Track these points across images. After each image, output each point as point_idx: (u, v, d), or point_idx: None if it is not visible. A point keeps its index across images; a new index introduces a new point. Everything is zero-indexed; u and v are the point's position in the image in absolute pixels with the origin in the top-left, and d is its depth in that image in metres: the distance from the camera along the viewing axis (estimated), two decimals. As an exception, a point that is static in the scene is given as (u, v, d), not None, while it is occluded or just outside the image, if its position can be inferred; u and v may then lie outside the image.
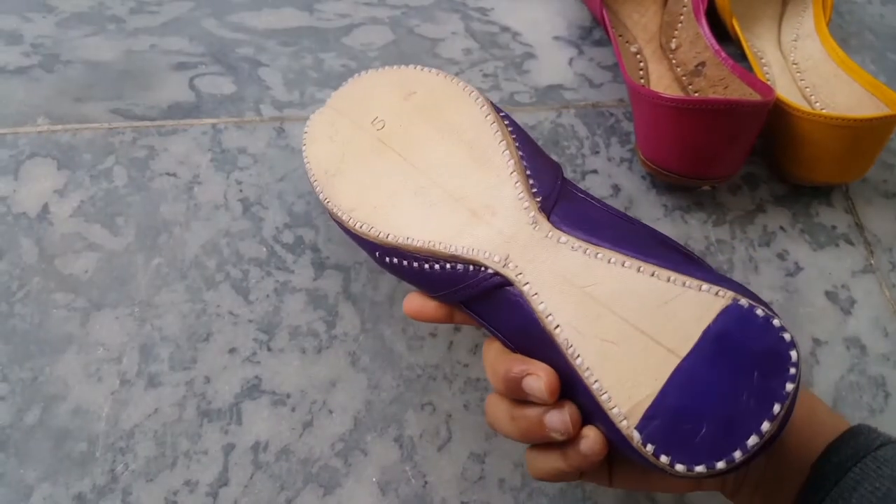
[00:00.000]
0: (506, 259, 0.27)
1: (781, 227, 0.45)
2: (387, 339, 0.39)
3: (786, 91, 0.48)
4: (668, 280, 0.25)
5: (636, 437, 0.23)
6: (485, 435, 0.36)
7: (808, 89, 0.48)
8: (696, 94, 0.46)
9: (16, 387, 0.36)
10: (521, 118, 0.48)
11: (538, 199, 0.28)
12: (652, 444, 0.23)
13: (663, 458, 0.23)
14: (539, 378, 0.25)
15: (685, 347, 0.23)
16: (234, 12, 0.51)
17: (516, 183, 0.29)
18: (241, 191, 0.43)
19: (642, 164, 0.45)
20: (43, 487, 0.33)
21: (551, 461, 0.27)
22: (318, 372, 0.37)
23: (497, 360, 0.28)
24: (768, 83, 0.43)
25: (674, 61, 0.49)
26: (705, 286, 0.24)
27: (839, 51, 0.47)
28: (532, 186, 0.29)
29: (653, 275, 0.25)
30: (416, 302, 0.30)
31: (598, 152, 0.47)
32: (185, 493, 0.34)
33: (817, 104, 0.47)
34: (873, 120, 0.40)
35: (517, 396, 0.27)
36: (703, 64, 0.46)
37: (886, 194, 0.47)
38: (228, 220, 0.42)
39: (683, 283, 0.24)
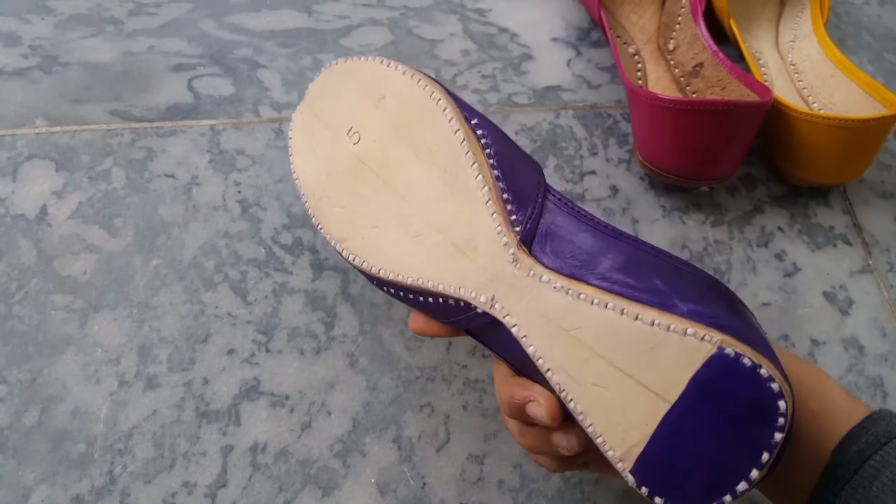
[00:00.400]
0: (492, 300, 0.27)
1: (779, 228, 0.45)
2: (385, 340, 0.39)
3: (783, 92, 0.48)
4: (653, 324, 0.24)
5: (631, 479, 0.24)
6: (483, 436, 0.36)
7: (805, 90, 0.48)
8: (694, 95, 0.46)
9: (14, 388, 0.36)
10: (519, 119, 0.48)
11: (517, 230, 0.27)
12: (646, 486, 0.24)
13: (658, 500, 0.24)
14: (541, 405, 0.26)
15: (674, 393, 0.23)
16: (233, 13, 0.51)
17: (493, 214, 0.27)
18: (239, 192, 0.43)
19: (640, 165, 0.45)
20: (41, 489, 0.33)
21: (552, 459, 0.28)
22: (316, 373, 0.37)
23: (502, 384, 0.28)
24: (766, 84, 0.43)
25: (672, 62, 0.49)
26: (690, 330, 0.23)
27: (837, 51, 0.47)
28: (510, 213, 0.27)
29: (637, 318, 0.24)
30: (419, 321, 0.30)
31: (596, 153, 0.47)
32: (183, 494, 0.34)
33: (815, 105, 0.47)
34: (871, 120, 0.40)
35: (523, 420, 0.28)
36: (700, 65, 0.46)
37: (884, 195, 0.47)
38: (227, 222, 0.42)
39: (668, 328, 0.23)
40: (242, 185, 0.43)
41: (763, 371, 0.22)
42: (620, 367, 0.24)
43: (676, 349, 0.23)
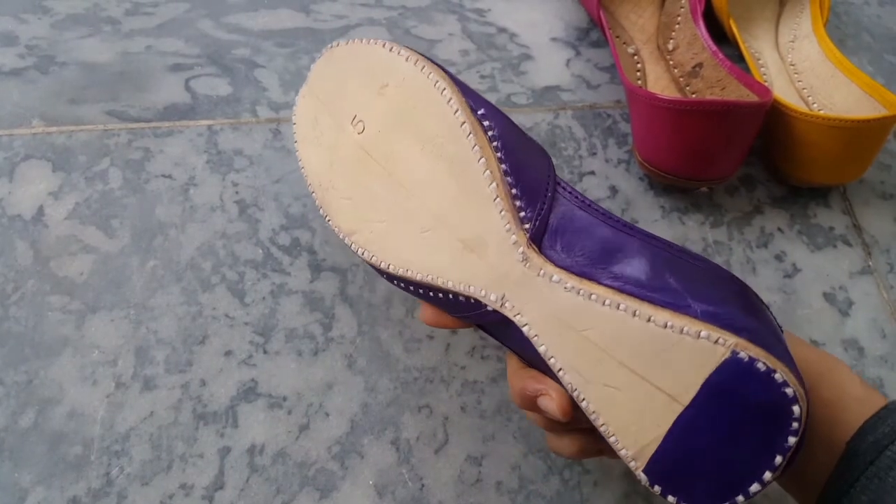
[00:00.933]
0: (502, 298, 0.26)
1: (779, 229, 0.45)
2: (383, 341, 0.38)
3: (783, 92, 0.48)
4: (666, 326, 0.23)
5: (644, 478, 0.24)
6: (482, 437, 0.36)
7: (805, 90, 0.48)
8: (694, 96, 0.46)
9: (10, 390, 0.35)
10: (518, 119, 0.48)
11: (526, 227, 0.26)
12: (658, 485, 0.24)
13: (670, 498, 0.24)
14: (552, 399, 0.26)
15: (687, 395, 0.23)
16: (230, 13, 0.51)
17: (502, 212, 0.26)
18: (236, 192, 0.43)
19: (640, 165, 0.44)
20: (38, 491, 0.33)
21: (571, 444, 0.29)
22: (314, 374, 0.37)
23: (514, 375, 0.28)
24: (766, 84, 0.43)
25: (671, 62, 0.49)
26: (704, 332, 0.23)
27: (836, 52, 0.47)
28: (519, 209, 0.27)
29: (649, 320, 0.24)
30: (429, 312, 0.30)
31: (595, 154, 0.47)
32: (180, 496, 0.33)
33: (815, 105, 0.47)
34: (871, 121, 0.40)
35: (534, 411, 0.28)
36: (700, 65, 0.46)
37: (884, 195, 0.47)
38: (224, 222, 0.41)
39: (682, 330, 0.23)
40: (240, 186, 0.43)
41: (777, 376, 0.22)
42: (633, 368, 0.24)
43: (690, 352, 0.23)
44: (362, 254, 0.30)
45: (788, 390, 0.22)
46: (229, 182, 0.43)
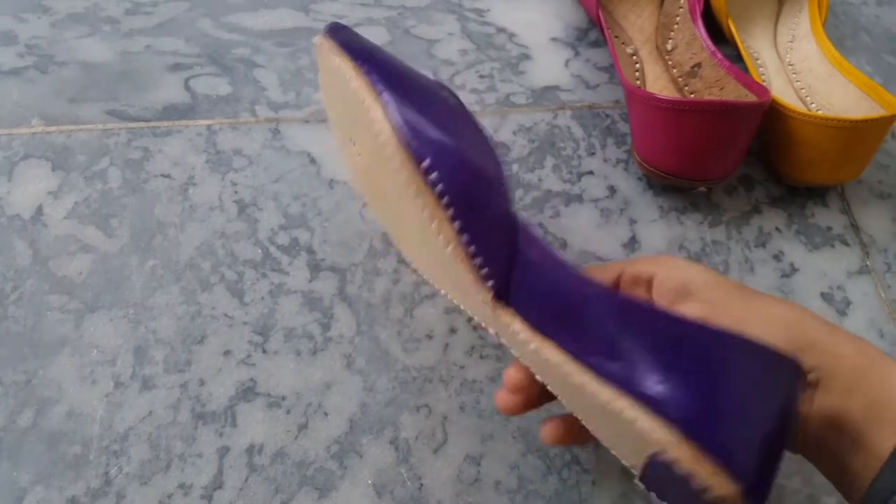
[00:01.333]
0: (497, 335, 0.28)
1: (777, 229, 0.45)
2: (382, 341, 0.38)
3: (781, 92, 0.48)
4: (607, 405, 0.23)
5: (641, 486, 0.25)
6: (480, 437, 0.36)
7: (803, 90, 0.48)
8: (692, 96, 0.46)
9: (9, 389, 0.35)
10: (517, 119, 0.48)
11: (490, 284, 0.26)
12: (654, 492, 0.25)
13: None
14: (508, 373, 0.29)
15: (644, 453, 0.24)
16: (230, 13, 0.51)
17: (464, 272, 0.26)
18: (236, 192, 0.43)
19: (638, 165, 0.45)
20: (36, 490, 0.33)
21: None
22: (313, 374, 0.37)
23: None
24: (764, 84, 0.43)
25: (670, 62, 0.49)
26: (638, 422, 0.22)
27: (835, 52, 0.47)
28: (481, 267, 0.26)
29: (594, 396, 0.24)
30: None
31: (594, 154, 0.47)
32: (179, 496, 0.34)
33: (813, 105, 0.47)
34: (869, 121, 0.40)
35: None
36: (699, 65, 0.46)
37: (882, 195, 0.47)
38: (223, 222, 0.41)
39: (620, 412, 0.23)
40: (239, 186, 0.43)
41: (696, 482, 0.21)
42: (599, 418, 0.25)
43: (630, 432, 0.23)
44: (405, 258, 0.33)
45: (707, 496, 0.21)
46: (228, 182, 0.43)
